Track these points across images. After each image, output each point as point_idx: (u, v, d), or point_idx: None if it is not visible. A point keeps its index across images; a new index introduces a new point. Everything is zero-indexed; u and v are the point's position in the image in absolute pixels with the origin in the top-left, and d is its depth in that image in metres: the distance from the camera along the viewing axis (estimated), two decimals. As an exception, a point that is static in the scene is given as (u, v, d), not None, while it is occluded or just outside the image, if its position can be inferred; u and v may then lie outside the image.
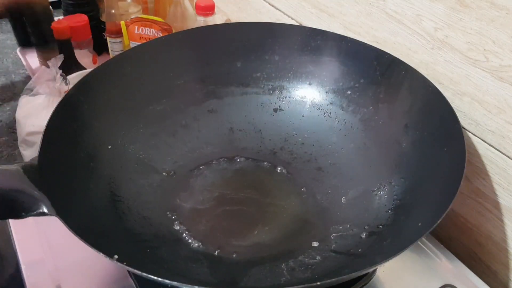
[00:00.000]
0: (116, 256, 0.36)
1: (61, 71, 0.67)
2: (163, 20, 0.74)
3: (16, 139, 0.71)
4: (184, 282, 0.36)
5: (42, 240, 0.51)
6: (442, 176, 0.46)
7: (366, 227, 0.49)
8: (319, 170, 0.57)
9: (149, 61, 0.59)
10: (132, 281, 0.47)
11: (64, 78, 0.67)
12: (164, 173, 0.55)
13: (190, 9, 0.82)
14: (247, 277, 0.45)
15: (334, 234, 0.49)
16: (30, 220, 0.40)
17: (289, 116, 0.61)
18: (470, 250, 0.56)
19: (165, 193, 0.54)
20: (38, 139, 0.45)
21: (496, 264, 0.54)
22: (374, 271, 0.48)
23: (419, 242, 0.53)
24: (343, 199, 0.53)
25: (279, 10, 0.77)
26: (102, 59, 0.86)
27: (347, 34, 0.60)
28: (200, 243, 0.48)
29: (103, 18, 0.82)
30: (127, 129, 0.55)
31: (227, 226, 0.51)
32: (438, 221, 0.39)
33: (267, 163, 0.58)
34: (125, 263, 0.36)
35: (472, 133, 0.52)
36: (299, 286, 0.34)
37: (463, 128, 0.52)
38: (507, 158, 0.49)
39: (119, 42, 0.79)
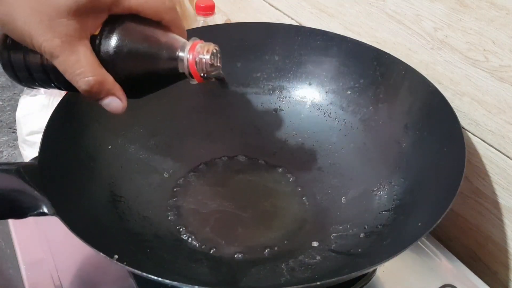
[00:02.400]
0: (116, 256, 0.36)
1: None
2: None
3: (16, 139, 0.71)
4: (184, 282, 0.36)
5: (42, 240, 0.51)
6: (442, 176, 0.46)
7: (366, 227, 0.49)
8: (319, 170, 0.57)
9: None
10: (132, 281, 0.47)
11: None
12: (164, 173, 0.55)
13: (190, 9, 0.82)
14: (247, 277, 0.45)
15: (334, 234, 0.49)
16: (30, 220, 0.40)
17: (289, 116, 0.61)
18: (470, 250, 0.56)
19: (165, 193, 0.54)
20: (38, 139, 0.45)
21: (496, 264, 0.54)
22: (374, 271, 0.48)
23: (419, 242, 0.53)
24: (343, 199, 0.53)
25: (279, 10, 0.77)
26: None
27: (347, 34, 0.60)
28: (200, 243, 0.49)
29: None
30: (127, 129, 0.55)
31: (227, 226, 0.51)
32: (438, 221, 0.39)
33: (267, 163, 0.58)
34: (125, 263, 0.36)
35: (472, 133, 0.52)
36: (299, 286, 0.34)
37: (463, 128, 0.52)
38: (507, 158, 0.49)
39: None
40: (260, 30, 0.62)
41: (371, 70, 0.57)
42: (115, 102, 0.37)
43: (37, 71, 0.39)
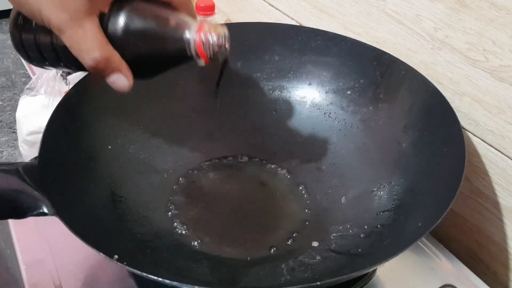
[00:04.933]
0: (116, 256, 0.37)
1: (61, 71, 0.67)
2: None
3: (16, 139, 0.71)
4: (184, 282, 0.36)
5: (42, 240, 0.51)
6: (442, 176, 0.46)
7: (366, 227, 0.49)
8: (319, 170, 0.57)
9: (149, 61, 0.59)
10: (132, 281, 0.47)
11: (64, 78, 0.67)
12: (164, 173, 0.55)
13: (190, 9, 0.82)
14: (247, 277, 0.45)
15: (334, 234, 0.49)
16: (30, 220, 0.40)
17: (289, 116, 0.61)
18: (470, 250, 0.56)
19: (165, 193, 0.54)
20: (38, 139, 0.45)
21: (496, 264, 0.54)
22: (374, 271, 0.48)
23: (419, 242, 0.53)
24: (343, 199, 0.53)
25: (279, 10, 0.77)
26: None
27: (347, 34, 0.60)
28: (200, 243, 0.49)
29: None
30: (127, 129, 0.55)
31: (227, 226, 0.51)
32: (438, 221, 0.39)
33: (267, 163, 0.58)
34: (125, 263, 0.36)
35: (472, 133, 0.52)
36: (299, 286, 0.34)
37: (463, 128, 0.52)
38: (507, 158, 0.49)
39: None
40: (260, 30, 0.62)
41: (371, 70, 0.57)
42: (121, 80, 0.37)
43: (47, 50, 0.39)
